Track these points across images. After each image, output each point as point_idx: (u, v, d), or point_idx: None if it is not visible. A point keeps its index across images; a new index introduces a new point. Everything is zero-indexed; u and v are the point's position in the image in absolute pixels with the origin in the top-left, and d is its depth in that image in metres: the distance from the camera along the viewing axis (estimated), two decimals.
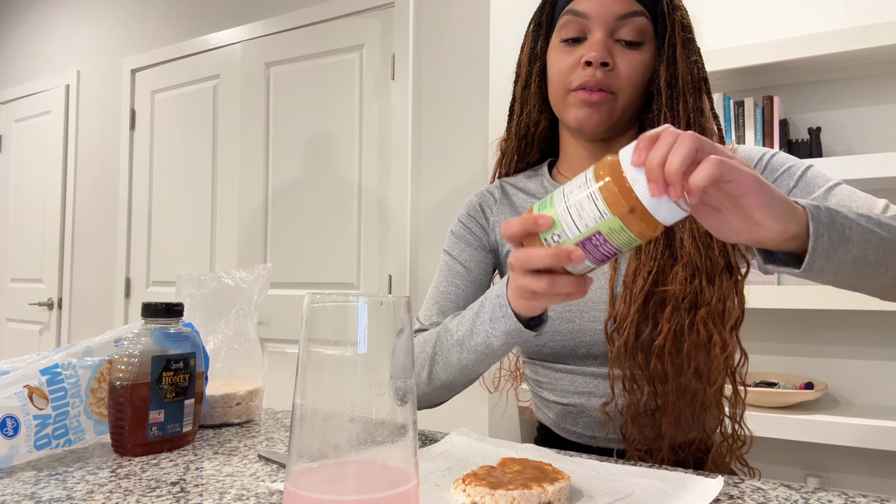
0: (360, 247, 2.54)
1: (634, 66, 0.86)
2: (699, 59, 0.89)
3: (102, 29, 3.46)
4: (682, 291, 0.79)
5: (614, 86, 0.85)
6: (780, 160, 0.85)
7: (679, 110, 0.85)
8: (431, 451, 0.71)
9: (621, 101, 0.86)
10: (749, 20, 1.95)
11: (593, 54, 0.84)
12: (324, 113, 2.66)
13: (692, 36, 0.89)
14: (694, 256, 0.80)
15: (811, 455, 1.83)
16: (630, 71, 0.85)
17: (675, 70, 0.86)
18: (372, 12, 2.54)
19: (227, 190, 2.93)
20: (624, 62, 0.85)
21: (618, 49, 0.86)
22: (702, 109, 0.87)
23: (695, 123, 0.85)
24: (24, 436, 0.68)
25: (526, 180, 0.99)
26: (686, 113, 0.85)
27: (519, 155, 1.00)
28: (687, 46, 0.88)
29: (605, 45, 0.85)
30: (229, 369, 0.95)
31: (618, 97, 0.86)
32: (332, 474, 0.40)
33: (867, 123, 1.82)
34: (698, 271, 0.79)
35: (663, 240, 0.82)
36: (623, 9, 0.85)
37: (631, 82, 0.86)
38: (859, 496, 0.58)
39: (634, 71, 0.86)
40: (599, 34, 0.85)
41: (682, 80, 0.86)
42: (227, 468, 0.68)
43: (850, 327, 1.82)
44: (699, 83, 0.88)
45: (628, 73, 0.85)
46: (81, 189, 3.47)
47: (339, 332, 0.41)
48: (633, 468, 0.66)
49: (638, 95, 0.88)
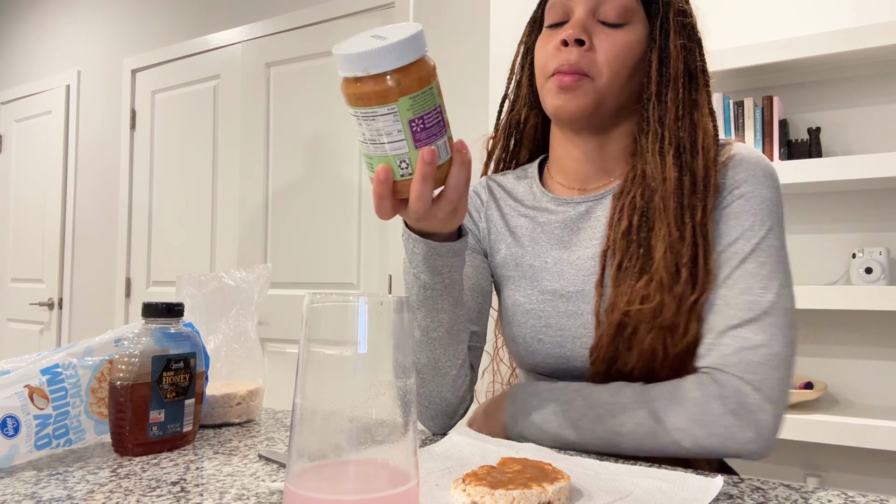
0: (360, 247, 2.54)
1: (615, 47, 0.79)
2: (698, 49, 0.83)
3: (103, 29, 3.46)
4: (651, 312, 0.75)
5: (592, 68, 0.79)
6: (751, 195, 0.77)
7: (668, 101, 0.80)
8: (431, 451, 0.71)
9: (601, 85, 0.79)
10: (749, 20, 1.95)
11: (568, 32, 0.79)
12: (324, 113, 2.66)
13: (691, 21, 0.83)
14: (663, 274, 0.75)
15: (811, 455, 1.83)
16: (610, 51, 0.79)
17: (667, 57, 0.80)
18: (372, 12, 2.54)
19: (227, 190, 2.93)
20: (603, 42, 0.79)
21: (598, 28, 0.80)
22: (697, 103, 0.81)
23: (685, 117, 0.80)
24: (25, 435, 0.68)
25: (515, 181, 0.95)
26: (676, 105, 0.80)
27: (507, 153, 0.97)
28: (682, 33, 0.82)
29: (582, 24, 0.79)
30: (229, 369, 0.95)
31: (595, 80, 0.79)
32: (332, 474, 0.40)
33: (867, 123, 1.82)
34: (663, 287, 0.75)
35: (643, 265, 0.77)
36: None
37: (611, 64, 0.79)
38: (859, 496, 0.58)
39: (615, 52, 0.79)
40: (580, 12, 0.80)
41: (674, 68, 0.80)
42: (227, 468, 0.68)
43: (850, 327, 1.82)
44: (695, 73, 0.82)
45: (608, 53, 0.79)
46: (81, 189, 3.47)
47: (339, 332, 0.42)
48: (634, 468, 0.66)
49: (624, 81, 0.81)
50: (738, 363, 0.72)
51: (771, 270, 0.75)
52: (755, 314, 0.73)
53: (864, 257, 1.73)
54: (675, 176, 0.77)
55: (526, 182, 0.94)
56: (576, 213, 0.86)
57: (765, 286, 0.74)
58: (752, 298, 0.74)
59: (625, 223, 0.79)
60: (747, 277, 0.75)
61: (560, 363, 0.84)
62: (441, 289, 0.74)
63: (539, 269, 0.86)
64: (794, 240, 1.90)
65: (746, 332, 0.73)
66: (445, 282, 0.74)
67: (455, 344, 0.80)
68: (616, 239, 0.79)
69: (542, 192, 0.90)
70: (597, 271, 0.81)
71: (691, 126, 0.80)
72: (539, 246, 0.88)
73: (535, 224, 0.89)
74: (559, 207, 0.88)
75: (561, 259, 0.85)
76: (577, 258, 0.84)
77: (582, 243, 0.84)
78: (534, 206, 0.90)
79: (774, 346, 0.72)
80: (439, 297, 0.75)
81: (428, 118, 0.57)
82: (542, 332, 0.84)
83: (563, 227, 0.86)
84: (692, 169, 0.78)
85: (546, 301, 0.84)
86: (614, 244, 0.79)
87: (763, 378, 0.71)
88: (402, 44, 0.54)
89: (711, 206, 0.77)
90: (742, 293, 0.74)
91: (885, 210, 1.80)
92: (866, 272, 1.71)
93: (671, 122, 0.79)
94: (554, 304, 0.84)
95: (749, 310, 0.73)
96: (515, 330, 0.87)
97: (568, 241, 0.85)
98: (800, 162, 1.69)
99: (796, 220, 1.90)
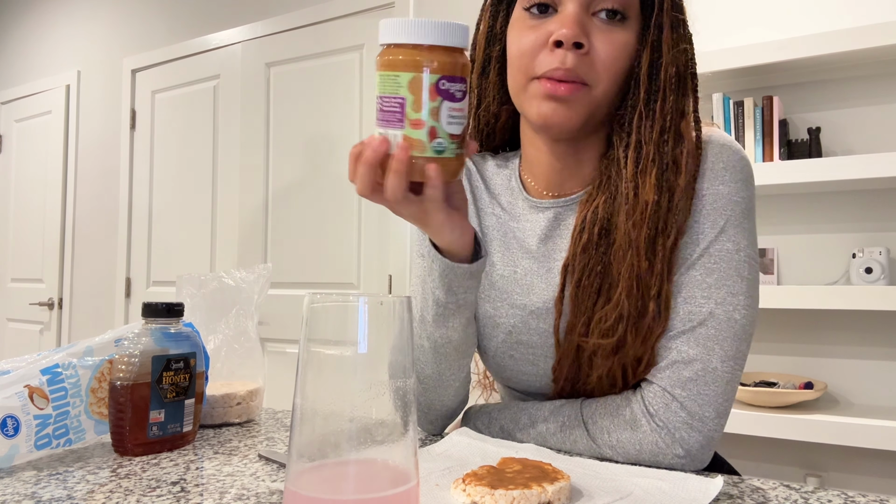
0: (360, 247, 2.54)
1: (616, 49, 0.69)
2: (689, 49, 0.73)
3: (103, 29, 3.46)
4: (612, 346, 0.70)
5: (589, 74, 0.68)
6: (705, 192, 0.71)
7: (656, 111, 0.70)
8: (431, 451, 0.71)
9: (597, 94, 0.70)
10: (749, 20, 1.95)
11: (564, 31, 0.66)
12: (324, 113, 2.66)
13: (684, 18, 0.73)
14: (628, 308, 0.69)
15: (811, 455, 1.83)
16: (610, 55, 0.68)
17: (659, 59, 0.70)
18: (372, 12, 2.54)
19: (227, 190, 2.93)
20: (603, 43, 0.68)
21: (595, 26, 0.69)
22: (683, 111, 0.72)
23: (670, 129, 0.70)
24: (25, 435, 0.68)
25: (496, 170, 0.86)
26: (663, 114, 0.70)
27: (484, 146, 0.88)
28: (676, 31, 0.71)
29: (579, 20, 0.67)
30: (229, 369, 0.95)
31: (592, 89, 0.69)
32: (332, 474, 0.40)
33: (867, 123, 1.82)
34: (627, 321, 0.69)
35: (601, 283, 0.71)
36: None
37: (610, 69, 0.69)
38: (859, 496, 0.58)
39: (616, 55, 0.69)
40: (572, 6, 0.68)
41: (666, 72, 0.70)
42: (227, 468, 0.68)
43: (850, 327, 1.82)
44: (685, 79, 0.72)
45: (608, 57, 0.68)
46: (81, 189, 3.47)
47: (339, 332, 0.42)
48: (633, 468, 0.66)
49: (619, 87, 0.71)
50: (670, 377, 0.69)
51: (718, 278, 0.69)
52: (692, 325, 0.69)
53: (864, 257, 1.73)
54: (654, 200, 0.69)
55: (505, 174, 0.85)
56: (547, 220, 0.79)
57: (707, 295, 0.69)
58: (691, 308, 0.69)
59: (585, 236, 0.72)
60: (690, 286, 0.69)
61: (533, 381, 0.80)
62: (454, 308, 0.71)
63: (509, 281, 0.80)
64: (794, 240, 1.90)
65: (682, 345, 0.69)
66: (459, 302, 0.70)
67: (461, 359, 0.77)
68: (577, 253, 0.72)
69: (519, 189, 0.82)
70: (569, 281, 0.74)
71: (676, 139, 0.71)
72: (510, 253, 0.81)
73: (507, 228, 0.82)
74: (531, 212, 0.81)
75: (531, 271, 0.79)
76: (547, 270, 0.77)
77: (551, 254, 0.78)
78: (508, 208, 0.83)
79: (711, 360, 0.68)
80: (451, 316, 0.71)
81: (386, 102, 0.57)
82: (513, 348, 0.79)
83: (535, 235, 0.79)
84: (671, 188, 0.69)
85: (516, 316, 0.78)
86: (574, 258, 0.73)
87: (692, 395, 0.67)
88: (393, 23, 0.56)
89: (685, 227, 0.70)
90: (684, 302, 0.69)
91: (885, 210, 1.80)
92: (866, 272, 1.71)
93: (656, 136, 0.70)
94: (525, 319, 0.78)
95: (688, 321, 0.69)
96: (486, 342, 0.82)
97: (538, 251, 0.79)
98: (800, 162, 1.70)
99: (796, 220, 1.90)
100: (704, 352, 0.68)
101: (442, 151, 0.56)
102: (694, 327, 0.69)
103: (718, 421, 0.68)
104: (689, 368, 0.68)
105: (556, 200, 0.79)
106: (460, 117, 0.57)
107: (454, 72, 0.55)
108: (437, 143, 0.56)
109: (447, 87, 0.55)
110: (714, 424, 0.68)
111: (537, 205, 0.80)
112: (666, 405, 0.68)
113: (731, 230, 0.70)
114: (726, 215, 0.70)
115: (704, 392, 0.68)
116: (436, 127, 0.56)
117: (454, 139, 0.57)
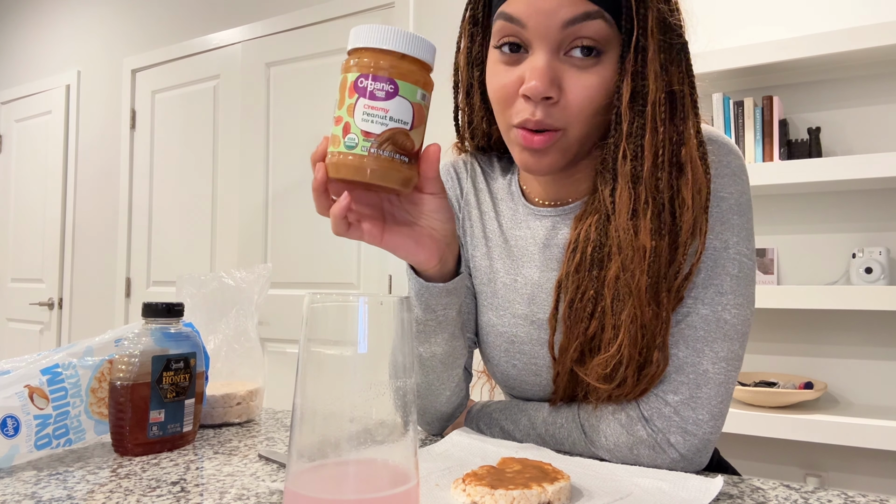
0: (360, 247, 2.54)
1: (589, 91, 0.65)
2: (684, 61, 0.67)
3: (103, 29, 3.46)
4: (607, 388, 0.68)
5: (561, 120, 0.66)
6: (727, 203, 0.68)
7: (645, 144, 0.65)
8: (431, 451, 0.71)
9: (572, 137, 0.68)
10: (749, 20, 1.95)
11: (532, 86, 0.64)
12: (324, 113, 2.66)
13: (679, 42, 0.67)
14: (630, 356, 0.66)
15: (811, 455, 1.83)
16: (584, 98, 0.65)
17: (645, 87, 0.65)
18: (372, 12, 2.54)
19: (227, 190, 2.93)
20: (575, 87, 0.65)
21: (566, 69, 0.65)
22: (682, 137, 0.66)
23: (666, 162, 0.65)
24: (25, 435, 0.68)
25: (501, 173, 0.85)
26: (655, 146, 0.65)
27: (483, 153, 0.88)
28: (666, 52, 0.66)
29: (547, 73, 0.64)
30: (230, 369, 0.95)
31: (568, 131, 0.67)
32: (332, 474, 0.40)
33: (867, 123, 1.82)
34: (628, 367, 0.66)
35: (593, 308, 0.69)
36: (572, 11, 0.63)
37: (583, 112, 0.66)
38: (859, 496, 0.58)
39: (590, 97, 0.65)
40: (541, 55, 0.65)
41: (654, 100, 0.65)
42: (227, 468, 0.68)
43: (850, 327, 1.82)
44: (682, 99, 0.67)
45: (581, 100, 0.65)
46: (81, 189, 3.47)
47: (339, 332, 0.42)
48: (633, 468, 0.66)
49: (599, 121, 0.68)
50: (662, 382, 0.68)
51: (705, 277, 0.68)
52: (680, 327, 0.69)
53: (864, 257, 1.73)
54: (651, 246, 0.64)
55: (507, 179, 0.84)
56: (545, 228, 0.78)
57: (694, 295, 0.68)
58: (678, 310, 0.68)
59: (578, 256, 0.70)
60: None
61: (536, 390, 0.79)
62: (434, 325, 0.71)
63: (511, 290, 0.79)
64: (794, 240, 1.90)
65: (672, 349, 0.68)
66: (439, 318, 0.70)
67: (449, 370, 0.77)
68: (570, 272, 0.71)
69: (518, 196, 0.82)
70: (562, 298, 0.73)
71: (675, 172, 0.66)
72: (513, 261, 0.80)
73: (509, 235, 0.81)
74: (531, 219, 0.80)
75: (532, 280, 0.77)
76: (548, 280, 0.76)
77: (550, 265, 0.77)
78: (509, 214, 0.82)
79: (701, 363, 0.67)
80: (433, 333, 0.72)
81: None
82: (516, 357, 0.79)
83: (535, 243, 0.78)
84: (675, 229, 0.66)
85: (519, 326, 0.78)
86: (567, 277, 0.71)
87: (684, 399, 0.67)
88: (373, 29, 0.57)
89: (696, 266, 0.67)
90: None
91: (885, 210, 1.80)
92: (866, 272, 1.71)
93: (646, 175, 0.65)
94: (527, 329, 0.77)
95: (674, 322, 0.68)
96: (490, 350, 0.82)
97: (539, 260, 0.78)
98: (800, 162, 1.70)
99: (796, 220, 1.90)
100: (694, 354, 0.68)
101: (353, 147, 0.56)
102: (682, 329, 0.68)
103: (713, 423, 0.68)
104: (680, 372, 0.68)
105: (555, 209, 0.78)
106: (381, 117, 0.56)
107: (376, 71, 0.56)
108: (348, 139, 0.56)
109: (365, 85, 0.56)
110: (709, 427, 0.68)
111: (536, 212, 0.80)
112: (659, 410, 0.68)
113: (719, 227, 0.68)
114: (712, 211, 0.68)
115: (697, 395, 0.67)
116: (349, 123, 0.56)
117: (368, 137, 0.56)
